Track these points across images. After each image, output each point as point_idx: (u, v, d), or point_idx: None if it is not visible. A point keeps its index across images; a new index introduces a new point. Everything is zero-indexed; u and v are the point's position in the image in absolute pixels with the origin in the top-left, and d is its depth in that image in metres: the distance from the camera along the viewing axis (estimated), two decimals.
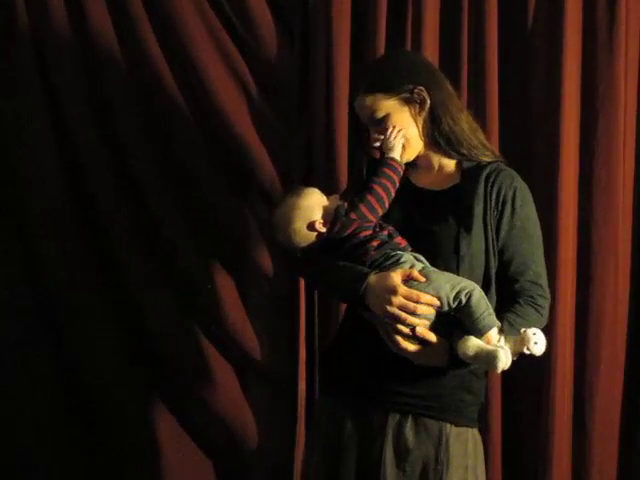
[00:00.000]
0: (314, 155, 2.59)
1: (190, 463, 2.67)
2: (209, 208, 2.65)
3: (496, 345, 1.74)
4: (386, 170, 1.91)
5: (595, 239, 2.54)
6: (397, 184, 1.91)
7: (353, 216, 1.88)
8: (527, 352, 1.75)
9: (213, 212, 2.65)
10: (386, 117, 1.94)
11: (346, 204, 1.90)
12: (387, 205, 1.90)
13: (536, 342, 1.74)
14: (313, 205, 1.91)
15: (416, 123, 1.95)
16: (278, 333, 2.66)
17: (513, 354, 1.75)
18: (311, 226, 1.90)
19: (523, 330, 1.75)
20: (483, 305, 1.76)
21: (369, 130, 1.99)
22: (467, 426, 1.89)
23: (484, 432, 2.03)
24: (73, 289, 2.64)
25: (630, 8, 2.54)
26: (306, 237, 1.91)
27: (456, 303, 1.77)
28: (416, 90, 1.92)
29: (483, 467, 1.93)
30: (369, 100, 1.94)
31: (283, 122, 2.64)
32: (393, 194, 1.91)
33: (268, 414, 2.67)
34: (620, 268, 2.56)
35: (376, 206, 1.89)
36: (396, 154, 1.93)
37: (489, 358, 1.71)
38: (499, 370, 1.72)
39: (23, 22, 2.56)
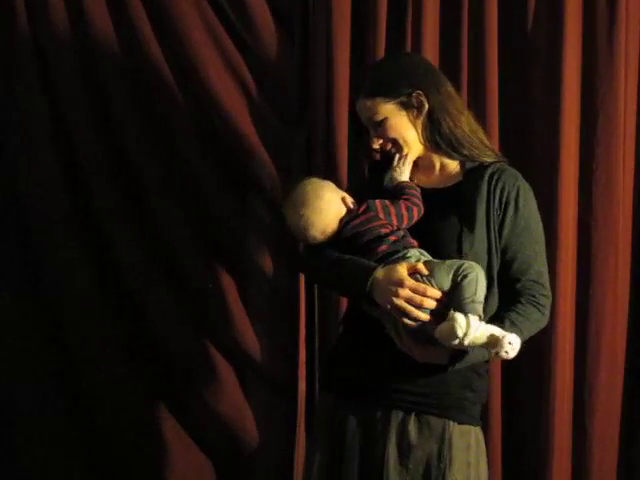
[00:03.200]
0: (314, 155, 2.58)
1: (190, 463, 2.67)
2: (209, 208, 2.65)
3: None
4: (415, 199, 1.91)
5: (595, 239, 2.53)
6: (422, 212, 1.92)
7: (381, 214, 1.88)
8: (493, 353, 1.74)
9: (213, 212, 2.65)
10: (384, 121, 1.95)
11: (377, 201, 1.90)
12: (406, 224, 1.89)
13: (507, 351, 1.72)
14: (335, 187, 1.95)
15: (414, 127, 1.96)
16: (278, 333, 2.65)
17: (484, 345, 1.73)
18: (343, 199, 1.91)
19: (503, 335, 1.73)
20: (472, 290, 1.75)
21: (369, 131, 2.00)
22: (470, 424, 1.90)
23: (485, 431, 2.03)
24: (73, 290, 2.64)
25: (630, 9, 2.54)
26: (335, 214, 1.89)
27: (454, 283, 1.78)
28: (414, 94, 1.93)
29: (485, 465, 1.93)
30: (369, 103, 1.96)
31: (283, 122, 2.64)
32: (414, 221, 1.91)
33: (268, 414, 2.66)
34: (620, 268, 2.56)
35: (405, 216, 1.89)
36: (405, 177, 1.96)
37: (449, 326, 1.71)
38: (458, 337, 1.69)
39: (23, 22, 2.56)
